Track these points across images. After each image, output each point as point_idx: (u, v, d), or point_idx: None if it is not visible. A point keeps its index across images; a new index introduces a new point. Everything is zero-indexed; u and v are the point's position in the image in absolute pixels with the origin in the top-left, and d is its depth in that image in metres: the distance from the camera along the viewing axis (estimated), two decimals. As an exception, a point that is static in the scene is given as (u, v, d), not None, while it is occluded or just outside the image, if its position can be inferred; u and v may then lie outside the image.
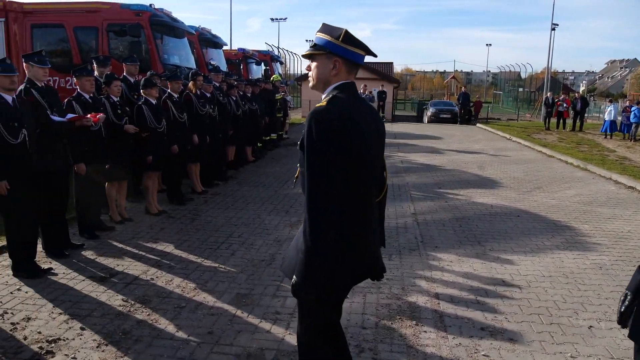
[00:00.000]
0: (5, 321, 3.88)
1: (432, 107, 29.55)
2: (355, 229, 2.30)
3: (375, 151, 2.36)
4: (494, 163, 12.81)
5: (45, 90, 5.23)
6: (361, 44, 2.32)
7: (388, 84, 29.95)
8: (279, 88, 14.63)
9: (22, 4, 10.47)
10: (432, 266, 5.27)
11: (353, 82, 2.39)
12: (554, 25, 33.14)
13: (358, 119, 2.23)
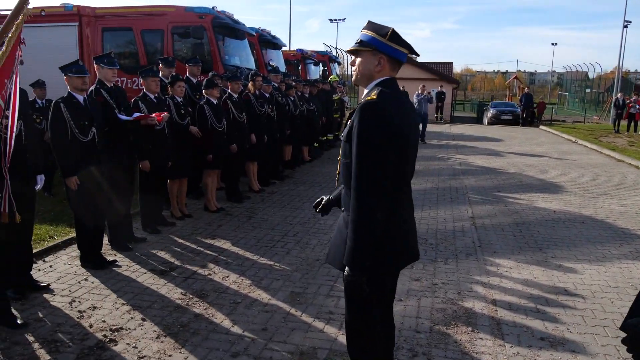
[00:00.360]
0: (74, 309, 4.10)
1: (493, 109, 28.75)
2: (401, 214, 2.46)
3: (414, 142, 2.49)
4: (557, 167, 12.31)
5: (114, 90, 5.48)
6: (406, 43, 2.43)
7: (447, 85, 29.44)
8: (336, 88, 14.67)
9: (94, 9, 11.02)
10: (490, 272, 5.14)
11: (395, 78, 2.48)
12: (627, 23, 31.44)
13: (403, 113, 2.36)
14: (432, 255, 5.59)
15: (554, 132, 22.13)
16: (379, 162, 2.24)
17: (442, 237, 6.31)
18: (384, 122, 2.25)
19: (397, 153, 2.30)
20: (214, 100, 7.04)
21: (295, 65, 17.80)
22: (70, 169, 4.74)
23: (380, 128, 2.24)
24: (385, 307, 2.65)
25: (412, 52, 2.49)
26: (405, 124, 2.35)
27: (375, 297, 2.47)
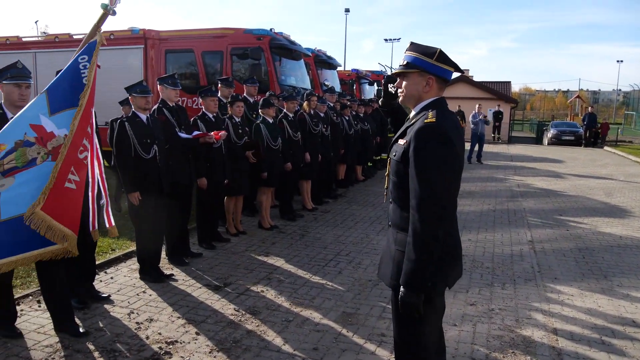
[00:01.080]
0: (132, 320, 4.23)
1: (554, 129, 27.81)
2: (453, 233, 2.49)
3: (462, 160, 2.48)
4: (623, 190, 11.72)
5: (176, 110, 5.69)
6: (453, 62, 2.44)
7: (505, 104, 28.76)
8: (391, 108, 14.60)
9: (159, 32, 11.53)
10: (550, 299, 4.92)
11: (444, 98, 2.50)
12: (700, 39, 29.77)
13: (457, 134, 2.41)
14: (488, 280, 5.42)
15: (620, 153, 21.13)
16: (442, 184, 2.29)
17: (499, 261, 6.11)
18: (446, 144, 2.30)
19: (455, 174, 2.36)
20: (270, 119, 7.18)
21: (350, 85, 17.90)
22: (133, 184, 4.94)
23: (442, 150, 2.29)
24: (435, 327, 2.62)
25: (459, 70, 2.50)
26: (460, 145, 2.38)
27: (427, 316, 2.44)
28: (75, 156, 3.34)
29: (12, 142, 3.30)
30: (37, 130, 3.35)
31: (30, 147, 3.33)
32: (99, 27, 3.42)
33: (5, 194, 3.26)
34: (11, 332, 3.87)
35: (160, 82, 5.66)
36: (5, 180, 3.27)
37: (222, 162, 6.25)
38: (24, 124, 3.34)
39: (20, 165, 3.29)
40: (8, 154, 3.28)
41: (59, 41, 12.30)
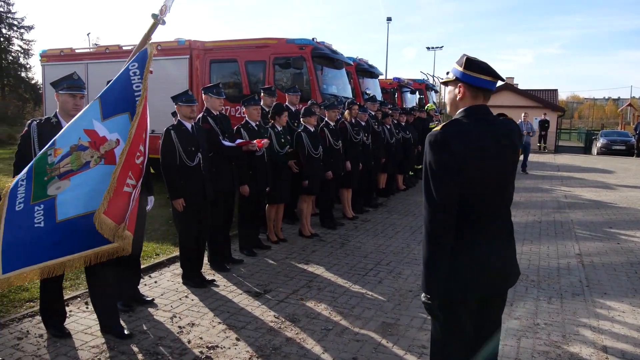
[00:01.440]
0: (174, 324, 4.31)
1: (603, 138, 26.87)
2: (479, 244, 2.41)
3: (492, 169, 2.39)
4: (680, 203, 11.19)
5: (219, 118, 5.80)
6: (484, 70, 2.41)
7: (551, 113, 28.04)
8: (433, 117, 14.48)
9: (204, 43, 11.81)
10: (600, 315, 4.73)
11: (478, 106, 2.45)
12: None
13: (471, 140, 2.34)
14: (533, 293, 5.26)
15: (675, 164, 20.20)
16: (438, 191, 2.30)
17: (545, 274, 5.93)
18: (442, 151, 2.30)
19: (454, 178, 2.30)
20: (311, 127, 7.23)
21: (391, 93, 17.83)
22: (177, 191, 5.05)
23: (439, 156, 2.31)
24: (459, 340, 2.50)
25: (495, 77, 2.44)
26: (468, 150, 2.31)
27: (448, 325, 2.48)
28: (133, 161, 3.46)
29: (67, 147, 3.45)
30: (91, 135, 3.48)
31: (84, 151, 3.46)
32: (149, 37, 3.52)
33: (62, 196, 3.40)
34: (60, 332, 4.01)
35: (205, 91, 5.79)
36: (61, 183, 3.41)
37: (264, 170, 6.33)
38: (79, 129, 3.49)
39: (75, 169, 3.43)
40: (64, 158, 3.43)
41: (110, 52, 12.77)
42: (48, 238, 3.38)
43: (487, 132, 2.40)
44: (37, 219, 3.36)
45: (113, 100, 3.52)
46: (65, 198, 3.40)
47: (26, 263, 3.36)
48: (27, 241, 3.36)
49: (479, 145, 2.35)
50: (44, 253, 3.38)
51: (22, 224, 3.36)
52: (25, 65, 38.66)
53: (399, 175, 11.74)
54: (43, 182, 3.41)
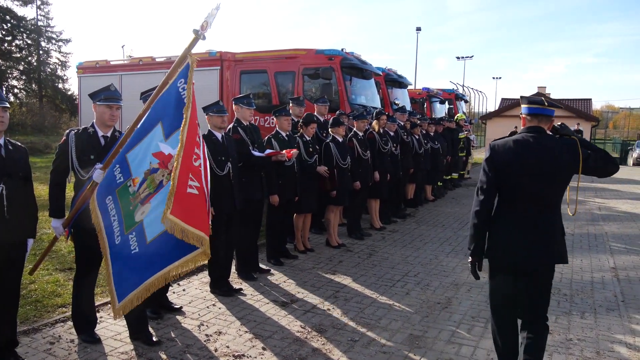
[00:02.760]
0: (201, 332, 4.35)
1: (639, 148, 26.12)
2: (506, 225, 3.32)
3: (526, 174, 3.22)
4: None
5: (249, 128, 5.87)
6: (528, 100, 3.37)
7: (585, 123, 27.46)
8: (462, 127, 14.34)
9: (234, 54, 11.98)
10: (636, 331, 4.58)
11: (530, 127, 3.34)
12: None
13: (511, 150, 3.28)
14: (566, 307, 5.13)
15: None
16: (481, 179, 3.37)
17: (578, 288, 5.78)
18: (488, 155, 3.35)
19: (491, 174, 3.31)
20: (339, 138, 7.24)
21: (420, 103, 17.73)
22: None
23: (486, 158, 3.38)
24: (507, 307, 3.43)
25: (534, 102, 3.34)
26: (504, 156, 3.27)
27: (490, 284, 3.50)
28: (190, 164, 3.55)
29: (142, 174, 3.66)
30: (158, 157, 3.65)
31: (156, 173, 3.64)
32: (190, 51, 3.61)
33: (147, 219, 3.60)
34: (91, 338, 4.10)
35: (235, 102, 5.87)
36: (144, 208, 3.62)
37: (293, 180, 6.36)
38: (148, 155, 3.66)
39: (152, 191, 3.63)
40: (141, 185, 3.65)
41: (143, 64, 13.07)
42: (144, 259, 3.58)
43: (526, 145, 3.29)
44: (132, 246, 3.61)
45: (171, 118, 3.64)
46: (151, 219, 3.58)
47: (133, 287, 3.59)
48: (130, 268, 3.60)
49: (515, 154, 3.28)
50: (144, 274, 3.57)
51: (122, 254, 3.63)
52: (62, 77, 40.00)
53: (428, 186, 11.64)
54: (130, 212, 3.65)
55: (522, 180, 3.21)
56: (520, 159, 3.21)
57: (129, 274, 3.60)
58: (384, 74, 13.32)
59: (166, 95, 3.66)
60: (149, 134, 3.68)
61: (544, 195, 3.23)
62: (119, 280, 3.63)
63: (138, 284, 3.57)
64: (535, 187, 3.21)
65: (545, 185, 3.21)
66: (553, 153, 3.19)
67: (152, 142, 3.66)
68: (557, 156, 3.18)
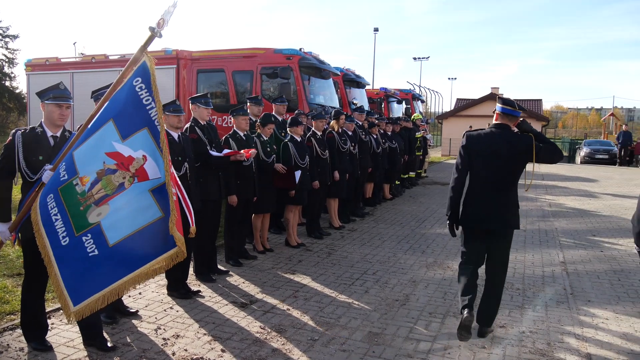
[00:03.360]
0: (158, 336, 4.27)
1: (587, 147, 27.25)
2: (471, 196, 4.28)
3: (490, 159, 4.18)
4: (662, 211, 11.33)
5: (207, 128, 5.79)
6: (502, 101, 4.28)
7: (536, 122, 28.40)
8: (419, 126, 14.58)
9: (191, 52, 11.81)
10: (584, 322, 4.77)
11: (498, 123, 4.32)
12: None
13: (479, 140, 4.27)
14: (518, 301, 5.30)
15: (657, 173, 20.51)
16: (457, 161, 4.37)
17: (530, 282, 5.97)
18: (465, 142, 4.30)
19: (465, 157, 4.28)
20: (298, 137, 7.24)
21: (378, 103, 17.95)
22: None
23: (462, 145, 4.31)
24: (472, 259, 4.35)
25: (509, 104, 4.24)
26: (476, 145, 4.25)
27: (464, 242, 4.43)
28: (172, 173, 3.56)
29: (93, 173, 3.50)
30: (115, 157, 3.51)
31: (114, 174, 3.50)
32: (145, 49, 3.53)
33: (106, 221, 3.46)
34: (42, 345, 3.95)
35: (192, 101, 5.78)
36: (100, 209, 3.48)
37: (251, 180, 6.32)
38: (100, 154, 3.51)
39: (111, 192, 3.48)
40: (94, 185, 3.49)
41: (96, 62, 12.72)
42: (107, 263, 3.46)
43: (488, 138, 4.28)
44: (89, 248, 3.46)
45: (128, 119, 3.53)
46: (111, 222, 3.46)
47: (94, 291, 3.47)
48: (88, 271, 3.48)
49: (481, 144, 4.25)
50: (109, 277, 3.47)
51: (75, 256, 3.48)
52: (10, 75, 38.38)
53: (386, 185, 11.77)
54: (80, 212, 3.48)
55: (488, 163, 4.16)
56: (487, 148, 4.17)
57: (89, 277, 3.47)
58: (342, 74, 13.41)
59: (120, 93, 3.57)
60: (97, 132, 3.56)
61: (503, 176, 4.19)
62: (72, 284, 3.49)
63: (102, 287, 3.46)
64: (497, 170, 4.16)
65: (505, 169, 4.17)
66: (513, 145, 4.14)
67: (104, 141, 3.53)
68: (515, 147, 4.14)
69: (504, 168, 4.17)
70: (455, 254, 7.15)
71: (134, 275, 3.49)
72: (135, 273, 3.49)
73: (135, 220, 3.45)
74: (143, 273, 3.50)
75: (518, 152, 4.14)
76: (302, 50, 11.13)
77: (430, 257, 6.98)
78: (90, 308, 3.49)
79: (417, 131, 13.94)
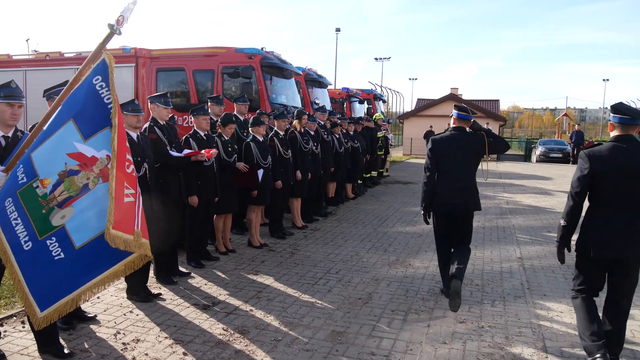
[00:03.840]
0: (118, 341, 4.17)
1: (542, 146, 28.16)
2: (438, 188, 5.12)
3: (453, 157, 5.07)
4: (612, 207, 11.80)
5: (167, 128, 5.69)
6: (458, 108, 5.14)
7: (494, 122, 29.06)
8: (380, 126, 14.74)
9: (150, 51, 11.58)
10: (540, 316, 4.93)
11: (456, 127, 5.17)
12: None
13: (444, 142, 5.15)
14: (478, 297, 5.42)
15: (608, 171, 21.30)
16: (426, 162, 5.17)
17: (489, 278, 6.12)
18: (430, 146, 5.15)
19: (433, 158, 5.11)
20: (260, 137, 7.20)
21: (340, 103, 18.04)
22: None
23: (429, 148, 5.17)
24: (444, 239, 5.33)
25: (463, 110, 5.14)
26: (440, 147, 5.12)
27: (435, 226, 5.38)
28: (124, 172, 3.42)
29: (55, 175, 3.38)
30: (77, 158, 3.41)
31: (77, 175, 3.39)
32: (104, 47, 3.44)
33: (71, 224, 3.37)
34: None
35: (152, 100, 5.67)
36: (64, 211, 3.37)
37: (213, 180, 6.25)
38: (61, 155, 3.40)
39: (74, 194, 3.38)
40: (56, 187, 3.37)
41: (50, 59, 12.32)
42: (75, 265, 3.39)
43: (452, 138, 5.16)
44: (54, 252, 3.37)
45: (89, 118, 3.43)
46: (76, 224, 3.38)
47: (61, 295, 3.40)
48: (55, 275, 3.40)
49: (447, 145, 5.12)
50: (77, 280, 3.41)
51: (39, 261, 3.37)
52: (-42, 72, 36.75)
53: (348, 184, 11.85)
54: (42, 215, 3.37)
55: (451, 161, 5.08)
56: (449, 148, 5.08)
57: (56, 281, 3.39)
58: (304, 74, 13.42)
59: (79, 92, 3.47)
60: (57, 132, 3.45)
61: (464, 169, 5.11)
62: (38, 289, 3.40)
63: (69, 291, 3.40)
64: (459, 165, 5.08)
65: (465, 163, 5.10)
66: (470, 143, 5.11)
67: (65, 141, 3.42)
68: (472, 146, 5.10)
69: (464, 162, 5.09)
70: (416, 251, 7.26)
71: (104, 276, 3.44)
72: (105, 274, 3.44)
73: (101, 222, 3.36)
74: (112, 274, 3.46)
75: (474, 148, 5.10)
76: (264, 49, 11.08)
77: (393, 255, 7.06)
78: (59, 312, 3.43)
79: (378, 131, 14.08)
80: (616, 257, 3.69)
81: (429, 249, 7.38)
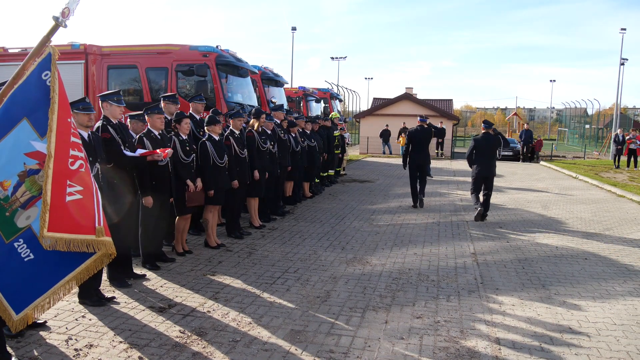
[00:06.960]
0: (70, 347, 4.04)
1: (494, 145, 28.97)
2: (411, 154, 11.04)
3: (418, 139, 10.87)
4: (559, 202, 12.31)
5: (119, 127, 5.55)
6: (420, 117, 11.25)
7: (447, 121, 29.67)
8: (337, 125, 14.82)
9: (100, 47, 11.25)
10: (493, 309, 5.08)
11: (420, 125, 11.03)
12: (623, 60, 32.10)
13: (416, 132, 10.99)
14: (433, 293, 5.54)
15: (555, 167, 22.21)
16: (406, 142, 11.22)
17: (444, 273, 6.26)
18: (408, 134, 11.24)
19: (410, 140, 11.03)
20: (216, 136, 7.11)
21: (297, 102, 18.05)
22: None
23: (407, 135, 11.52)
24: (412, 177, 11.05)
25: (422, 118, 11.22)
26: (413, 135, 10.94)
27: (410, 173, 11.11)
28: (66, 169, 3.31)
29: (14, 176, 3.29)
30: (36, 157, 3.32)
31: (38, 174, 3.31)
32: (49, 40, 3.32)
33: (36, 224, 3.27)
34: None
35: (103, 98, 5.51)
36: (29, 212, 3.30)
37: (168, 180, 6.13)
38: (18, 155, 3.30)
39: (37, 194, 3.30)
40: (17, 188, 3.28)
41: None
42: (46, 265, 3.33)
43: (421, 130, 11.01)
44: (24, 254, 3.30)
45: (43, 116, 3.32)
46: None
47: (36, 295, 3.37)
48: (27, 276, 3.33)
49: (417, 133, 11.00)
50: (50, 279, 3.37)
51: (8, 264, 3.28)
52: None
53: (306, 183, 11.86)
54: (7, 218, 3.28)
55: (418, 141, 10.81)
56: (418, 135, 10.81)
57: (29, 283, 3.33)
58: (260, 72, 13.35)
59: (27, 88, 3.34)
60: (11, 132, 3.33)
61: (423, 145, 10.88)
62: (11, 293, 3.32)
63: (44, 290, 3.36)
64: (422, 143, 10.83)
65: (425, 142, 10.91)
66: (427, 132, 10.93)
67: (21, 141, 3.32)
68: (428, 133, 10.94)
69: (424, 142, 10.86)
70: (373, 249, 7.34)
71: (76, 272, 3.41)
72: (77, 270, 3.41)
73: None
74: (84, 269, 3.43)
75: (429, 135, 10.89)
76: (219, 47, 10.95)
77: (350, 253, 7.12)
78: (36, 312, 3.40)
79: (335, 130, 14.15)
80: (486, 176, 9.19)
81: (386, 247, 7.48)
